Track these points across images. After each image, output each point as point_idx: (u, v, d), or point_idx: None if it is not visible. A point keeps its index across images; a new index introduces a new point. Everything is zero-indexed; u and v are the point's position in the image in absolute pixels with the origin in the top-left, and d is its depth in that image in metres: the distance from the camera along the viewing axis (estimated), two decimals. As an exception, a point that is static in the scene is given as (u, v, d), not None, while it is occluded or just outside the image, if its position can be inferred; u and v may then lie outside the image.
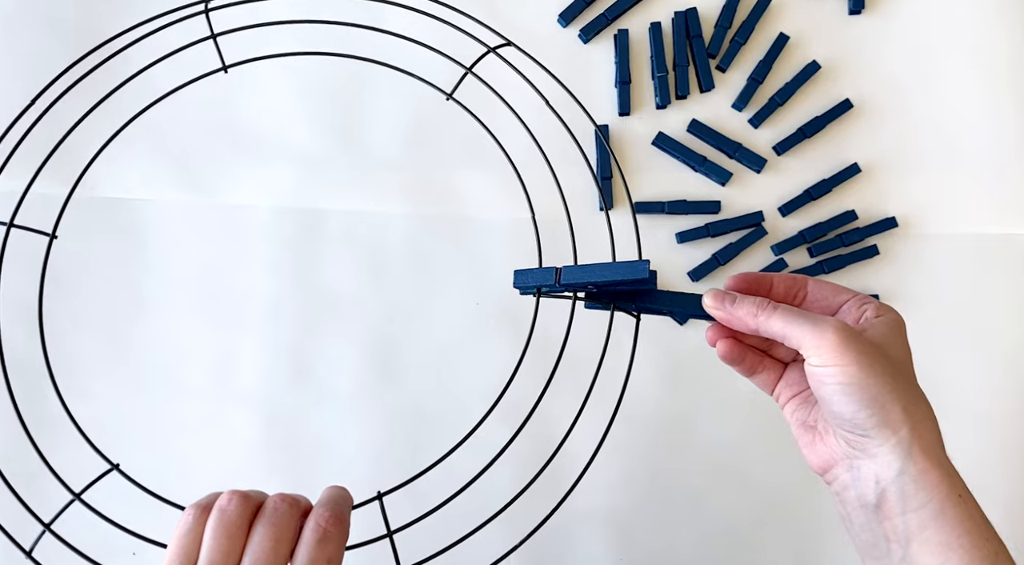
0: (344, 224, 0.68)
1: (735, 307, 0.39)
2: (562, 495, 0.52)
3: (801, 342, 0.36)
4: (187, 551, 0.34)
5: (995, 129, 0.71)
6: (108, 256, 0.68)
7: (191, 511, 0.35)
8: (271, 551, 0.33)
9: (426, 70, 0.56)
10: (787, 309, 0.37)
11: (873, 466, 0.35)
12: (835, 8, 0.72)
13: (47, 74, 0.70)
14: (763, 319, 0.38)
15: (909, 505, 0.34)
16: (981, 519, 0.35)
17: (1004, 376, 0.68)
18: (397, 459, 0.66)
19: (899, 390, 0.35)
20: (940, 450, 0.36)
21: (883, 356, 0.36)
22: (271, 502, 0.35)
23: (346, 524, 0.37)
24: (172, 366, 0.66)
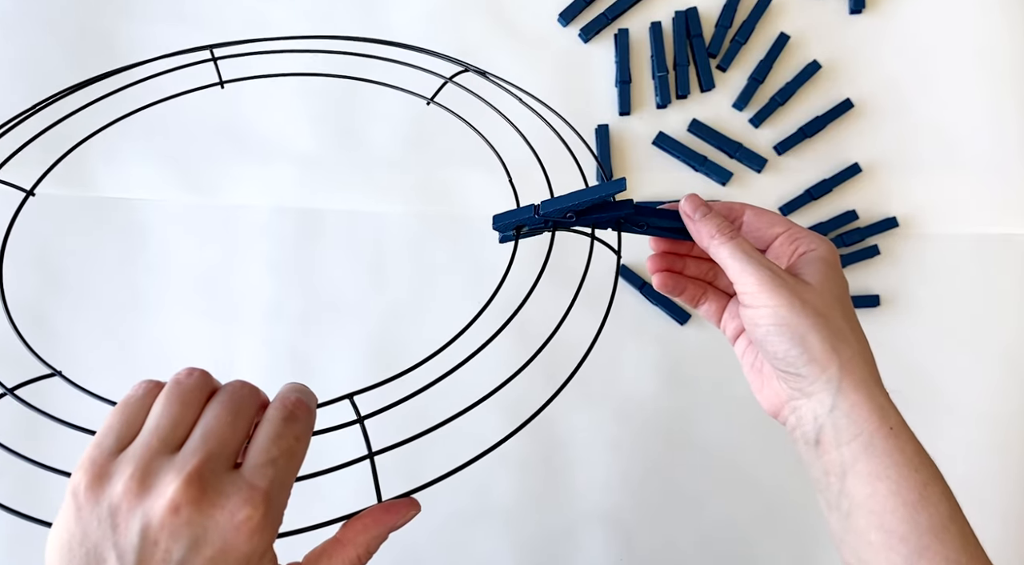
0: (344, 224, 0.68)
1: (702, 221, 0.40)
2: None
3: (737, 278, 0.38)
4: (130, 419, 0.29)
5: (996, 129, 0.71)
6: (108, 256, 0.68)
7: (143, 384, 0.31)
8: (228, 424, 0.29)
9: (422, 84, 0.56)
10: (739, 244, 0.38)
11: (810, 404, 0.37)
12: (835, 8, 0.72)
13: (47, 74, 0.70)
14: (716, 243, 0.39)
15: (842, 438, 0.36)
16: (913, 451, 0.36)
17: (1004, 376, 0.68)
18: (396, 458, 0.66)
19: (828, 328, 0.36)
20: (872, 384, 0.37)
21: (813, 295, 0.37)
22: (230, 384, 0.32)
23: (313, 412, 0.35)
24: (172, 366, 0.66)
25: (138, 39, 0.70)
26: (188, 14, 0.71)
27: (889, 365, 0.68)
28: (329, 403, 0.38)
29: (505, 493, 0.61)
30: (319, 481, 0.36)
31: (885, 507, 0.35)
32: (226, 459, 0.28)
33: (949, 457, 0.67)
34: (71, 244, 0.68)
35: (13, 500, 0.66)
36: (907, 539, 0.34)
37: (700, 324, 0.68)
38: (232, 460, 0.29)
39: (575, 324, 0.54)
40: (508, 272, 0.46)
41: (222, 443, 0.28)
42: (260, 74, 0.54)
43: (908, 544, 0.34)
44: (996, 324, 0.69)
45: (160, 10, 0.71)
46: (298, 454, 0.32)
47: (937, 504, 0.35)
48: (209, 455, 0.28)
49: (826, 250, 0.40)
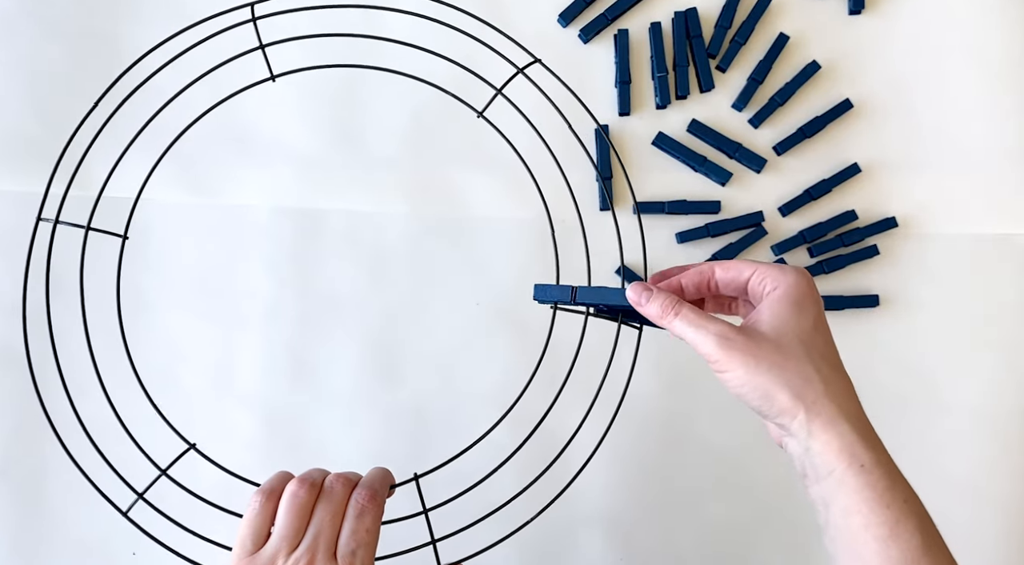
0: (344, 224, 0.68)
1: (648, 304, 0.42)
2: (562, 500, 0.52)
3: (696, 347, 0.41)
4: (258, 529, 0.41)
5: (995, 129, 0.71)
6: (108, 256, 0.68)
7: (258, 497, 0.41)
8: (329, 524, 0.40)
9: (455, 85, 0.57)
10: (684, 316, 0.41)
11: (792, 444, 0.39)
12: (835, 8, 0.72)
13: (47, 74, 0.70)
14: (667, 321, 0.42)
15: (819, 475, 0.38)
16: (884, 487, 0.37)
17: (1004, 376, 0.68)
18: (397, 459, 0.66)
19: (787, 378, 0.38)
20: (842, 422, 0.38)
21: (768, 345, 0.39)
22: (328, 483, 0.42)
23: (381, 500, 0.43)
24: (172, 366, 0.66)
25: (140, 40, 0.70)
26: (188, 14, 0.71)
27: (889, 365, 0.68)
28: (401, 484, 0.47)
29: (506, 475, 0.61)
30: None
31: (859, 539, 0.37)
32: (328, 549, 0.40)
33: (949, 456, 0.67)
34: (71, 243, 0.68)
35: (14, 500, 0.66)
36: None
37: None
38: (332, 548, 0.40)
39: (586, 341, 0.53)
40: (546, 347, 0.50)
41: (327, 540, 0.40)
42: (311, 65, 0.54)
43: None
44: (995, 324, 0.69)
45: (162, 11, 0.71)
46: (371, 542, 0.41)
47: (909, 539, 0.36)
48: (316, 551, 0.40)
49: (787, 285, 0.41)
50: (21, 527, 0.64)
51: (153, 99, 0.53)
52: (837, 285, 0.69)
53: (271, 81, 0.52)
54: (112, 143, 0.53)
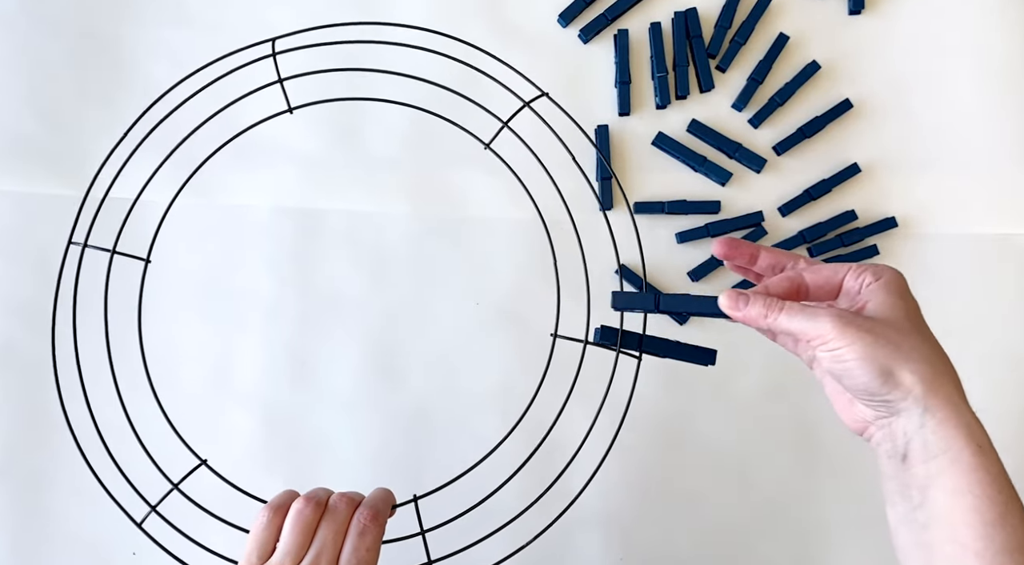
0: (344, 224, 0.68)
1: (748, 308, 0.42)
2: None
3: (807, 335, 0.40)
4: (264, 543, 0.42)
5: (995, 129, 0.71)
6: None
7: (266, 512, 0.43)
8: (331, 542, 0.42)
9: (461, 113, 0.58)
10: (790, 308, 0.40)
11: (900, 422, 0.38)
12: (835, 8, 0.72)
13: (47, 74, 0.70)
14: (771, 320, 0.41)
15: (930, 452, 0.37)
16: (997, 472, 0.37)
17: (1004, 376, 0.68)
18: (397, 459, 0.66)
19: (904, 353, 0.38)
20: (959, 402, 0.38)
21: (883, 325, 0.39)
22: (332, 502, 0.44)
23: (382, 520, 0.44)
24: (172, 366, 0.66)
25: (139, 40, 0.70)
26: (190, 15, 0.71)
27: (888, 365, 0.68)
28: (402, 505, 0.48)
29: (505, 493, 0.61)
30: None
31: (964, 521, 0.36)
32: (331, 563, 0.42)
33: (970, 408, 0.67)
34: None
35: (15, 500, 0.66)
36: (981, 555, 0.36)
37: (700, 324, 0.68)
38: (335, 562, 0.42)
39: (591, 358, 0.54)
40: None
41: (329, 557, 0.42)
42: (332, 98, 0.56)
43: (982, 560, 0.36)
44: (996, 324, 0.69)
45: (162, 11, 0.71)
46: (371, 561, 0.43)
47: (1016, 526, 0.36)
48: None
49: (889, 276, 0.42)
50: (21, 527, 0.64)
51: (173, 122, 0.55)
52: (837, 285, 0.69)
53: (289, 113, 0.54)
54: (131, 163, 0.54)
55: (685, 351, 0.47)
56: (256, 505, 0.46)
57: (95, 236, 0.51)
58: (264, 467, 0.65)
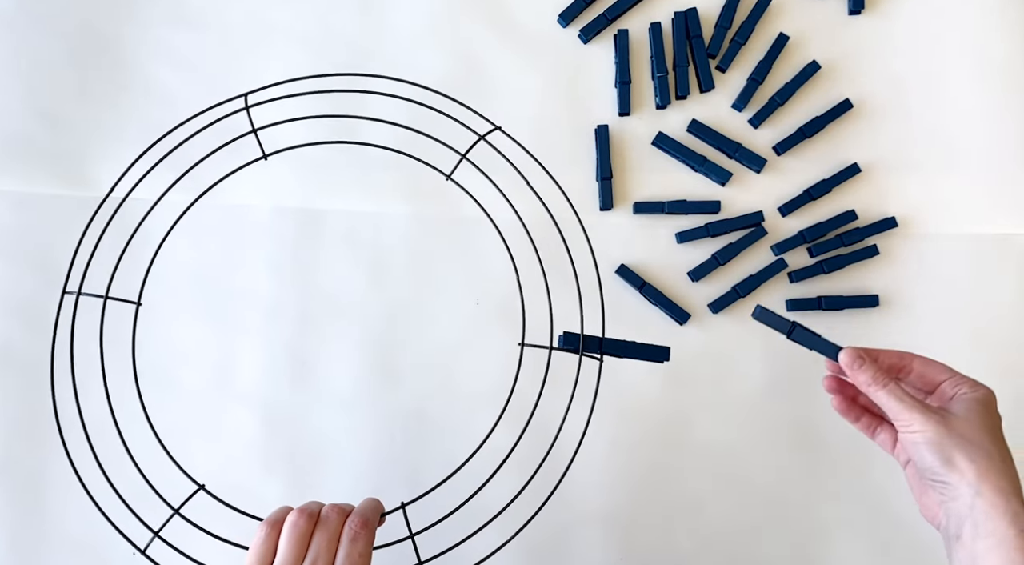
0: (344, 224, 0.68)
1: (860, 372, 0.48)
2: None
3: (895, 415, 0.46)
4: (263, 556, 0.45)
5: (994, 129, 0.71)
6: (108, 256, 0.68)
7: (264, 527, 0.46)
8: (325, 549, 0.45)
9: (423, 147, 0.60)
10: (892, 389, 0.47)
11: (955, 505, 0.44)
12: (835, 8, 0.72)
13: (47, 74, 0.70)
14: (873, 389, 0.47)
15: (979, 532, 0.42)
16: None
17: (1004, 376, 0.68)
18: (396, 458, 0.66)
19: (967, 446, 0.44)
20: (1010, 492, 0.43)
21: (959, 422, 0.45)
22: (324, 512, 0.47)
23: (372, 526, 0.47)
24: (172, 366, 0.66)
25: (139, 40, 0.70)
26: (189, 15, 0.71)
27: (888, 365, 0.68)
28: (391, 512, 0.51)
29: (505, 493, 0.61)
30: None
31: None
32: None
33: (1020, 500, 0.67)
34: (71, 244, 0.67)
35: (15, 500, 0.66)
36: None
37: (700, 324, 0.68)
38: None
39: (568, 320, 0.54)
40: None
41: (324, 562, 0.45)
42: (303, 143, 0.59)
43: None
44: (995, 324, 0.69)
45: (161, 11, 0.71)
46: (363, 564, 0.46)
47: None
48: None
49: (983, 393, 0.48)
50: (20, 527, 0.64)
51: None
52: (837, 285, 0.69)
53: (263, 159, 0.57)
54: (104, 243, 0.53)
55: (642, 350, 0.51)
56: (255, 522, 0.48)
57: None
58: (264, 467, 0.65)
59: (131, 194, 0.55)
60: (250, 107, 0.56)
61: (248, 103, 0.55)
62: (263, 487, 0.65)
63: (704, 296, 0.68)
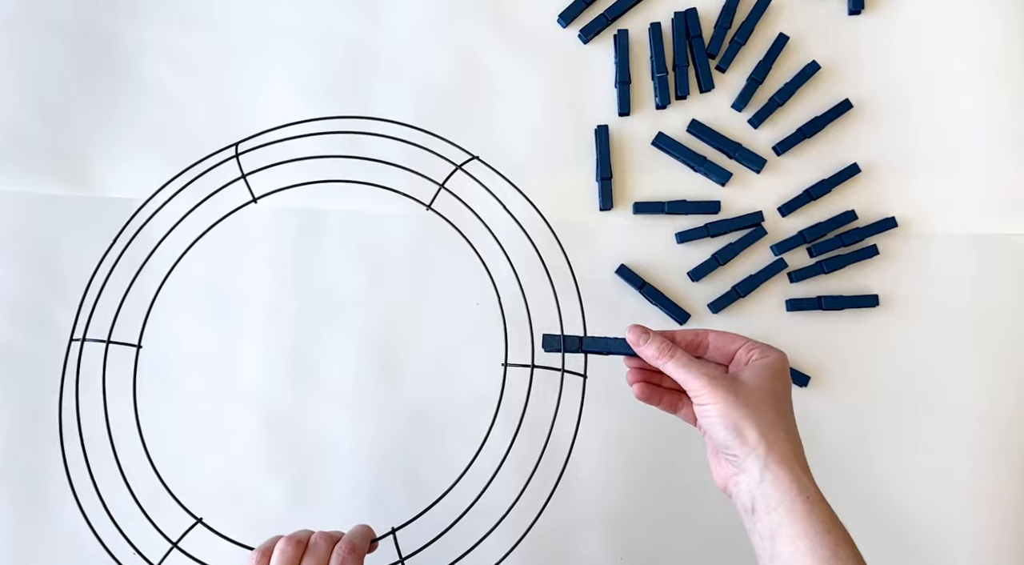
0: (344, 224, 0.68)
1: (646, 346, 0.49)
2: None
3: (684, 384, 0.47)
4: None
5: (994, 129, 0.71)
6: (108, 256, 0.68)
7: (254, 556, 0.47)
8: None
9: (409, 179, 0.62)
10: (681, 356, 0.47)
11: (745, 479, 0.45)
12: (835, 8, 0.72)
13: (47, 74, 0.70)
14: (661, 362, 0.48)
15: (770, 505, 0.43)
16: (826, 516, 0.43)
17: (1004, 376, 0.68)
18: (396, 458, 0.66)
19: (756, 418, 0.45)
20: (794, 462, 0.44)
21: (747, 391, 0.46)
22: (312, 540, 0.48)
23: (360, 553, 0.48)
24: (172, 366, 0.66)
25: (139, 40, 0.70)
26: (189, 15, 0.71)
27: (888, 365, 0.68)
28: (381, 538, 0.52)
29: (505, 493, 0.61)
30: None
31: (804, 562, 0.42)
32: None
33: (948, 456, 0.67)
34: (71, 244, 0.68)
35: (15, 500, 0.66)
36: None
37: (700, 324, 0.68)
38: None
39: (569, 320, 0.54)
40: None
41: None
42: (292, 184, 0.61)
43: None
44: (995, 324, 0.69)
45: (161, 11, 0.71)
46: None
47: (847, 560, 0.42)
48: None
49: (773, 358, 0.48)
50: (21, 527, 0.64)
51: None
52: (837, 285, 0.69)
53: (254, 203, 0.59)
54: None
55: (623, 345, 0.50)
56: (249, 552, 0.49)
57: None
58: (264, 467, 0.65)
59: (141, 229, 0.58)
60: (240, 155, 0.58)
61: (239, 151, 0.58)
62: (263, 487, 0.65)
63: (704, 296, 0.68)
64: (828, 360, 0.68)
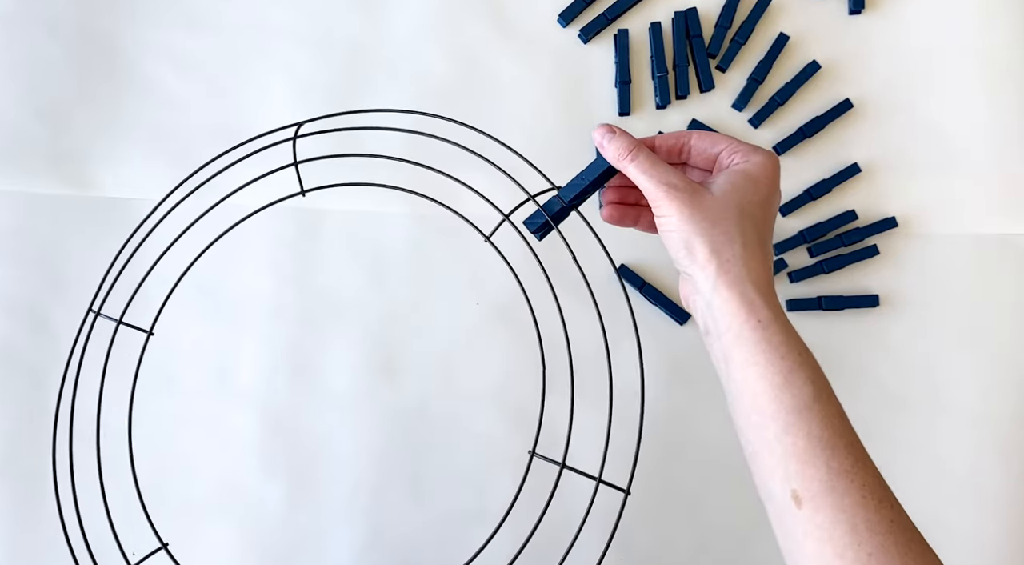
0: (344, 224, 0.68)
1: (610, 145, 0.44)
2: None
3: (644, 190, 0.43)
4: None
5: (995, 129, 0.71)
6: (108, 256, 0.68)
7: None
8: None
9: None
10: (645, 159, 0.43)
11: (699, 299, 0.42)
12: (835, 8, 0.72)
13: (47, 74, 0.70)
14: (624, 163, 0.44)
15: (719, 329, 0.41)
16: (780, 341, 0.39)
17: (1004, 376, 0.68)
18: (397, 459, 0.66)
19: (712, 234, 0.41)
20: (747, 283, 0.40)
21: (710, 202, 0.41)
22: None
23: None
24: (172, 366, 0.66)
25: (139, 40, 0.70)
26: (190, 15, 0.71)
27: (889, 365, 0.68)
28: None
29: (504, 493, 0.61)
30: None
31: (755, 390, 0.39)
32: None
33: (948, 456, 0.67)
34: (71, 244, 0.68)
35: (15, 500, 0.66)
36: (775, 417, 0.39)
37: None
38: None
39: (572, 327, 0.54)
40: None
41: None
42: (342, 183, 0.57)
43: (776, 421, 0.39)
44: (995, 324, 0.69)
45: (161, 11, 0.71)
46: None
47: (801, 387, 0.39)
48: None
49: (754, 163, 0.43)
50: (21, 527, 0.64)
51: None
52: (837, 285, 0.69)
53: (301, 195, 0.55)
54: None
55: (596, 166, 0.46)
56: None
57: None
58: (264, 467, 0.65)
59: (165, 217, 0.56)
60: (298, 138, 0.53)
61: (297, 134, 0.53)
62: (263, 487, 0.65)
63: (704, 296, 0.68)
64: (828, 360, 0.67)
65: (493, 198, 0.53)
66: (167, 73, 0.70)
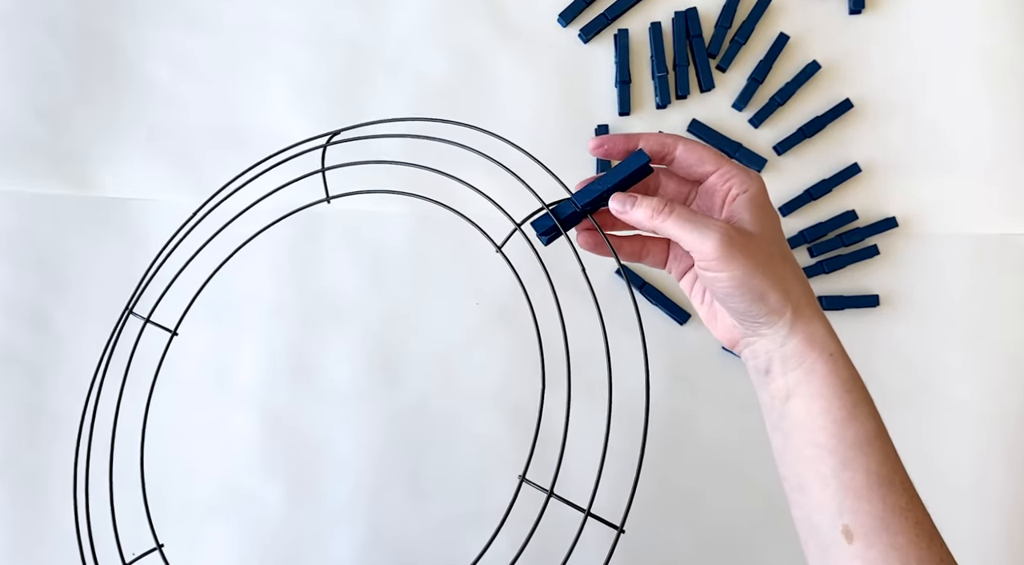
0: (344, 224, 0.68)
1: (635, 210, 0.41)
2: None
3: (691, 248, 0.40)
4: None
5: (995, 129, 0.71)
6: (108, 256, 0.68)
7: None
8: None
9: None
10: (680, 213, 0.40)
11: (764, 343, 0.41)
12: (835, 8, 0.72)
13: (47, 74, 0.70)
14: (658, 222, 0.40)
15: (789, 366, 0.40)
16: (847, 375, 0.40)
17: (1004, 376, 0.68)
18: (396, 459, 0.66)
19: (776, 277, 0.39)
20: (816, 319, 0.40)
21: (758, 248, 0.40)
22: None
23: None
24: (172, 366, 0.66)
25: (139, 40, 0.70)
26: (190, 15, 0.71)
27: (889, 365, 0.68)
28: None
29: (504, 493, 0.61)
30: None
31: (817, 424, 0.39)
32: None
33: (948, 456, 0.67)
34: (71, 244, 0.68)
35: (14, 500, 0.66)
36: (834, 452, 0.39)
37: (700, 324, 0.68)
38: None
39: (572, 327, 0.53)
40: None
41: None
42: (367, 190, 0.54)
43: (835, 456, 0.38)
44: (996, 324, 0.69)
45: (161, 11, 0.71)
46: None
47: (864, 422, 0.39)
48: None
49: (756, 189, 0.42)
50: (21, 527, 0.64)
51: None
52: (837, 285, 0.69)
53: (326, 202, 0.54)
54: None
55: (619, 172, 0.43)
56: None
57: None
58: (264, 467, 0.65)
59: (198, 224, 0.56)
60: (329, 145, 0.53)
61: (329, 141, 0.52)
62: (263, 487, 0.65)
63: (704, 296, 0.68)
64: (828, 360, 0.68)
65: (495, 201, 0.52)
66: (167, 73, 0.70)
